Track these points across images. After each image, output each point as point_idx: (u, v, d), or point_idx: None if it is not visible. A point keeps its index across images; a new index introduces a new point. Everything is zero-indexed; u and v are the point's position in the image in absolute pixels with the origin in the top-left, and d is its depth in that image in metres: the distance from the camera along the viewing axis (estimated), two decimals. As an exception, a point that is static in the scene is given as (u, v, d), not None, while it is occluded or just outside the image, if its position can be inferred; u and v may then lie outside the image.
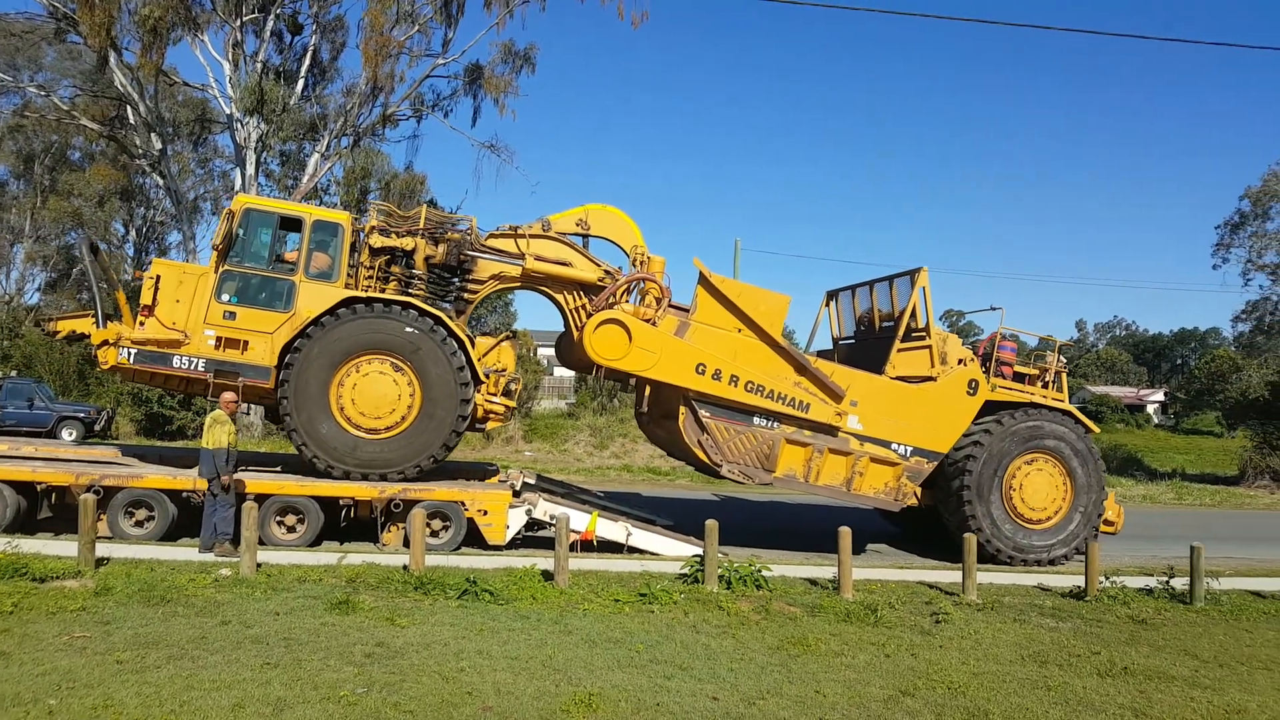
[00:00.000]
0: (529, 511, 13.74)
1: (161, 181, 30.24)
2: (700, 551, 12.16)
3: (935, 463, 15.52)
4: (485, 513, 13.36)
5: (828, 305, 18.96)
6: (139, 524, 12.83)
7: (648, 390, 16.61)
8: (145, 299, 13.44)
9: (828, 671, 8.52)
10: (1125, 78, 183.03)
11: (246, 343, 13.48)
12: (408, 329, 13.47)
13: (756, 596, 11.21)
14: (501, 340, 15.06)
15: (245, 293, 13.70)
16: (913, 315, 15.94)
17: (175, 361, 13.32)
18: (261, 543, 11.88)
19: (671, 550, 14.01)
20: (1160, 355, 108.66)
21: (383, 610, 9.50)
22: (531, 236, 14.89)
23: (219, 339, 13.41)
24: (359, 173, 30.05)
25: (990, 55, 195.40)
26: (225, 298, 13.54)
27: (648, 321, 14.36)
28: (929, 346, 15.79)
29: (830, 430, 15.07)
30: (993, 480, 15.46)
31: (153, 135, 28.66)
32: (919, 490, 15.51)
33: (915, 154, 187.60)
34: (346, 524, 13.44)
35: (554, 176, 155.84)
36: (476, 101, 30.47)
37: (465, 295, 14.86)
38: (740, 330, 14.75)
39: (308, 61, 30.05)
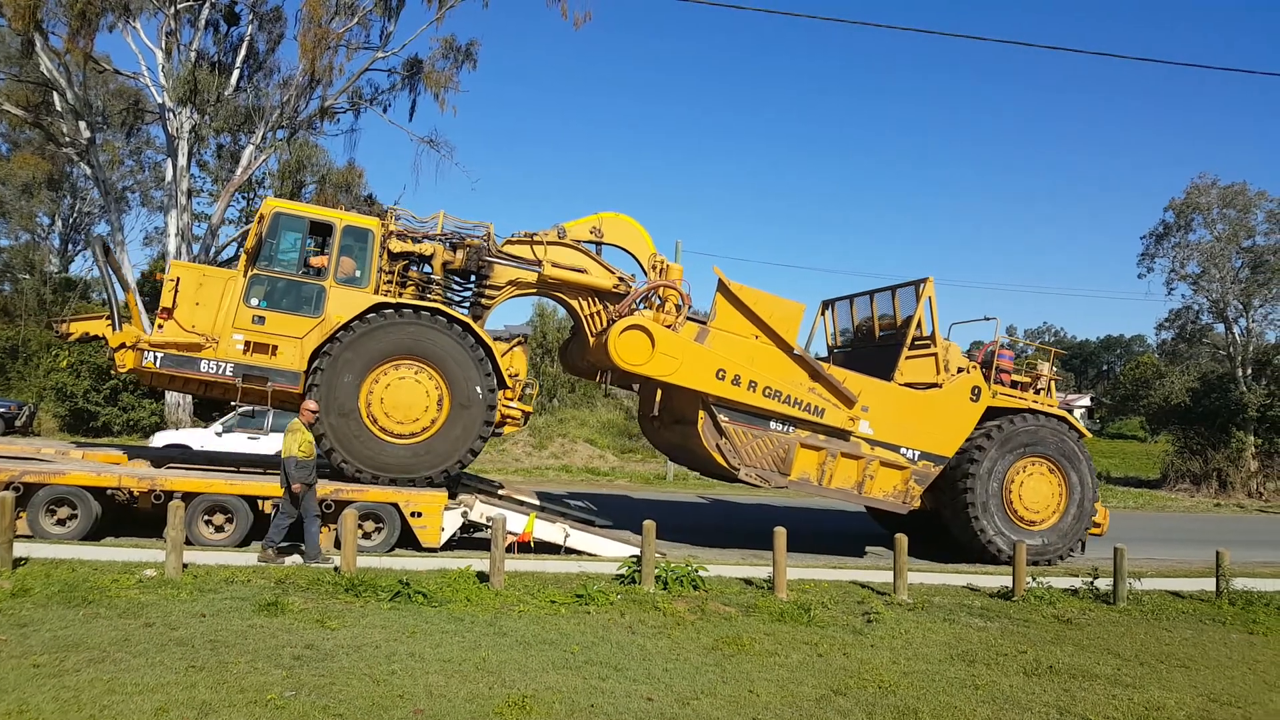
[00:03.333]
0: (465, 514, 13.61)
1: (90, 171, 29.30)
2: (638, 552, 12.18)
3: (941, 466, 15.97)
4: (419, 514, 13.19)
5: (823, 314, 19.39)
6: (61, 522, 12.41)
7: (658, 395, 16.85)
8: (165, 301, 13.27)
9: (761, 671, 8.59)
10: (1054, 87, 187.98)
11: (275, 347, 13.40)
12: (478, 388, 13.57)
13: (693, 597, 11.25)
14: (514, 345, 15.00)
15: (274, 297, 13.60)
16: (917, 324, 16.39)
17: (203, 366, 13.18)
18: (188, 543, 11.61)
19: (609, 551, 14.01)
20: (1087, 361, 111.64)
21: (312, 612, 9.33)
22: (548, 243, 15.01)
23: (247, 343, 13.29)
24: (295, 166, 29.43)
25: (905, 58, 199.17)
26: (254, 302, 13.43)
27: (668, 328, 14.58)
28: (934, 354, 16.28)
29: (843, 435, 15.46)
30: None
31: (81, 123, 27.76)
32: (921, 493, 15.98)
33: (846, 157, 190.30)
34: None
35: (499, 174, 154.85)
36: (414, 96, 30.10)
37: (483, 301, 14.90)
38: (757, 337, 15.10)
39: (243, 52, 29.39)
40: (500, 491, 15.89)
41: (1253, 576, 14.50)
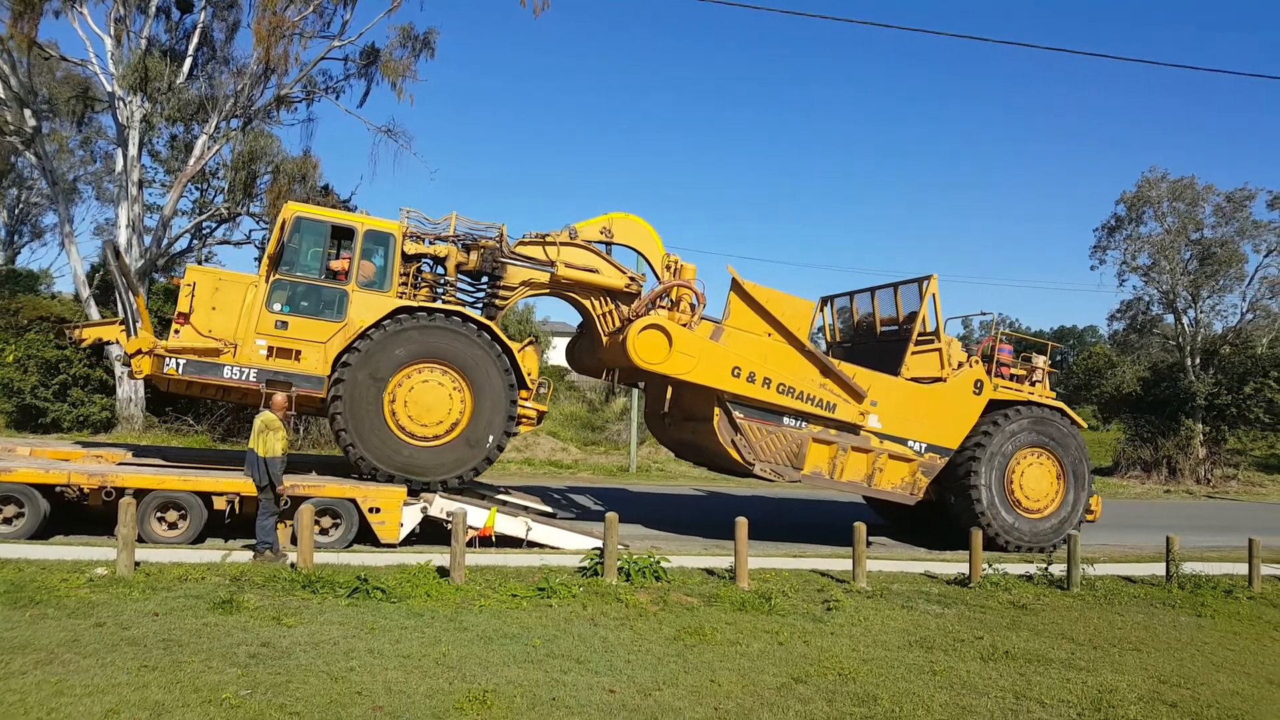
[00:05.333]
0: (424, 509, 13.50)
1: (36, 161, 28.55)
2: (600, 544, 12.17)
3: (946, 458, 16.40)
4: (377, 510, 13.07)
5: (822, 310, 19.70)
6: (7, 521, 12.11)
7: (668, 393, 17.11)
8: (182, 306, 13.21)
9: (723, 660, 8.62)
10: (1010, 80, 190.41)
11: (299, 352, 13.41)
12: (491, 436, 13.80)
13: (655, 588, 11.26)
14: (527, 345, 14.99)
15: (296, 302, 13.58)
16: (921, 320, 16.77)
17: (226, 372, 13.14)
18: (141, 540, 11.38)
19: (572, 544, 13.98)
20: (1040, 351, 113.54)
21: (269, 609, 9.20)
22: (561, 244, 15.14)
23: (270, 348, 13.29)
24: (249, 156, 28.87)
25: (857, 48, 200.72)
26: (276, 307, 13.39)
27: (684, 327, 14.82)
28: (939, 349, 16.71)
29: (853, 429, 15.84)
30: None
31: (26, 111, 27.02)
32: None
33: (796, 146, 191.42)
34: (231, 520, 12.96)
35: (474, 170, 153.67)
36: (369, 84, 29.62)
37: (496, 302, 14.99)
38: (770, 334, 15.42)
39: (196, 40, 28.78)
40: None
41: (1201, 561, 14.84)
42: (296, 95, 29.64)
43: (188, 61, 28.25)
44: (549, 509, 15.83)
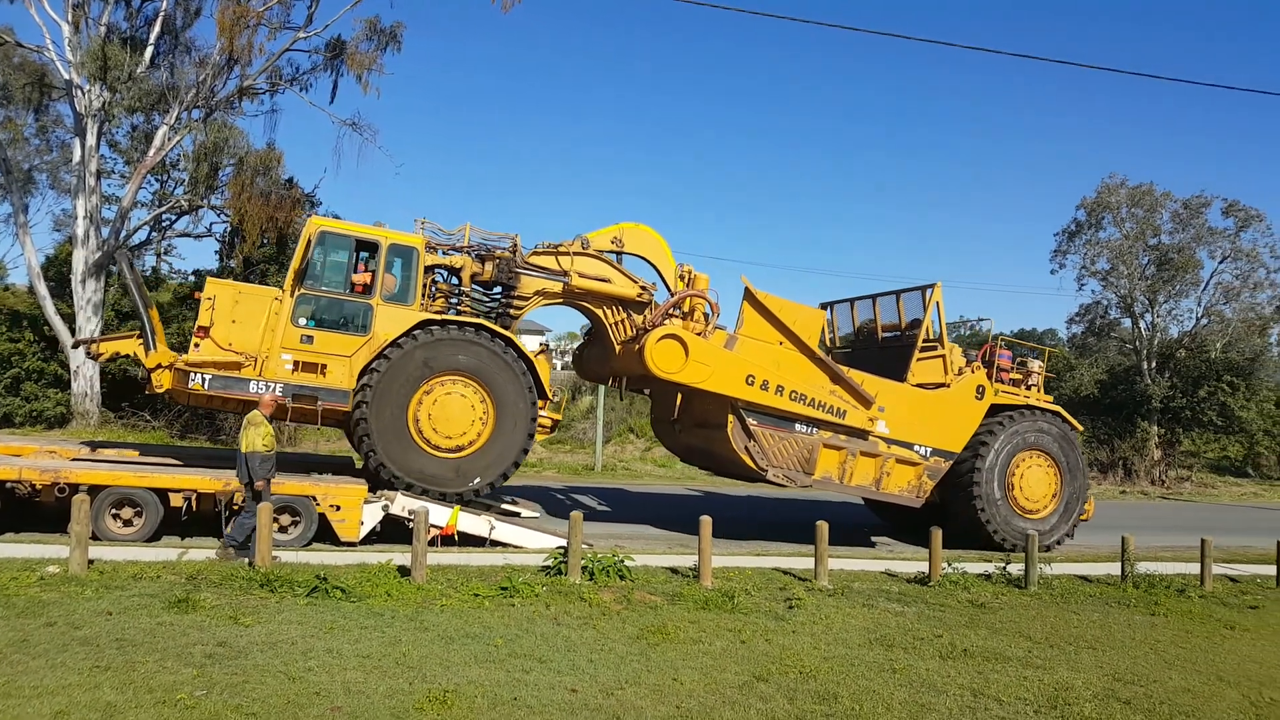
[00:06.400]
0: (386, 508, 13.37)
1: (-12, 149, 27.93)
2: (564, 543, 12.14)
3: (950, 461, 16.70)
4: (338, 508, 12.93)
5: None
6: (-45, 519, 11.85)
7: (679, 399, 17.28)
8: (203, 320, 13.10)
9: (685, 659, 8.63)
10: (968, 87, 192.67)
11: (324, 366, 13.37)
12: (478, 478, 13.89)
13: (619, 587, 11.25)
14: (539, 354, 14.95)
15: (322, 316, 13.55)
16: (925, 327, 17.05)
17: (252, 387, 13.01)
18: (95, 538, 11.17)
19: (535, 543, 13.93)
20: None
21: (225, 609, 9.07)
22: (574, 254, 15.25)
23: (296, 363, 13.22)
24: (211, 147, 28.41)
25: (818, 54, 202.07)
26: (302, 321, 13.34)
27: (699, 335, 14.97)
28: (942, 356, 17.07)
29: (862, 434, 16.11)
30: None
31: (-22, 98, 26.46)
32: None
33: (756, 147, 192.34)
34: (188, 518, 12.76)
35: (450, 165, 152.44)
36: (336, 77, 29.23)
37: (511, 312, 15.06)
38: (781, 343, 15.66)
39: (158, 28, 28.30)
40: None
41: (1155, 560, 15.08)
42: (260, 86, 29.22)
43: (149, 50, 27.74)
44: (528, 512, 15.69)
